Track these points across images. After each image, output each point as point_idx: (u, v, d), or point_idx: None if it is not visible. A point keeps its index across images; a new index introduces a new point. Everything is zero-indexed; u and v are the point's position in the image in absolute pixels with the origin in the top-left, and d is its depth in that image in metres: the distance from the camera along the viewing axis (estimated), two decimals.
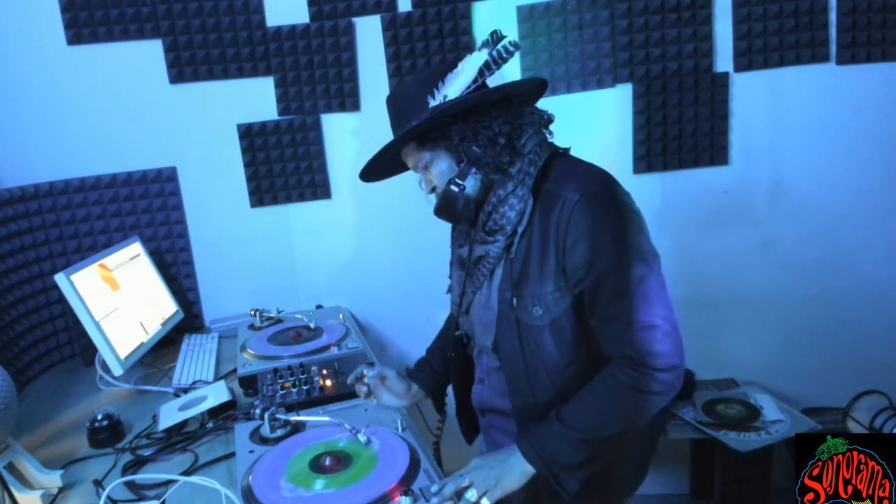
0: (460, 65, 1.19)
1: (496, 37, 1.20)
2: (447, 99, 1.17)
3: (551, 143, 1.23)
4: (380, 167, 1.32)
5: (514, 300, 1.18)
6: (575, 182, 1.12)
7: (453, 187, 1.19)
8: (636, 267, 1.08)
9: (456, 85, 1.17)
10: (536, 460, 1.12)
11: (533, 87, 1.26)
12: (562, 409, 1.14)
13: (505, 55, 1.16)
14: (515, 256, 1.17)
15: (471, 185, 1.20)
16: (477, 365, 1.37)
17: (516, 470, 1.12)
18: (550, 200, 1.13)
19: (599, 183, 1.14)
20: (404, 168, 1.34)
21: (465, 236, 1.30)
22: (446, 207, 1.22)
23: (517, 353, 1.21)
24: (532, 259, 1.15)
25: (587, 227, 1.09)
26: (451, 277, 1.40)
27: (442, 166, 1.22)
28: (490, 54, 1.17)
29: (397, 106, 1.24)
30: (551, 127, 1.25)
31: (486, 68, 1.16)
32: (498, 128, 1.15)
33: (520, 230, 1.16)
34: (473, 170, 1.19)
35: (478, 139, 1.16)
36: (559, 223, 1.10)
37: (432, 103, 1.18)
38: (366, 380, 1.43)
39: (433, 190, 1.26)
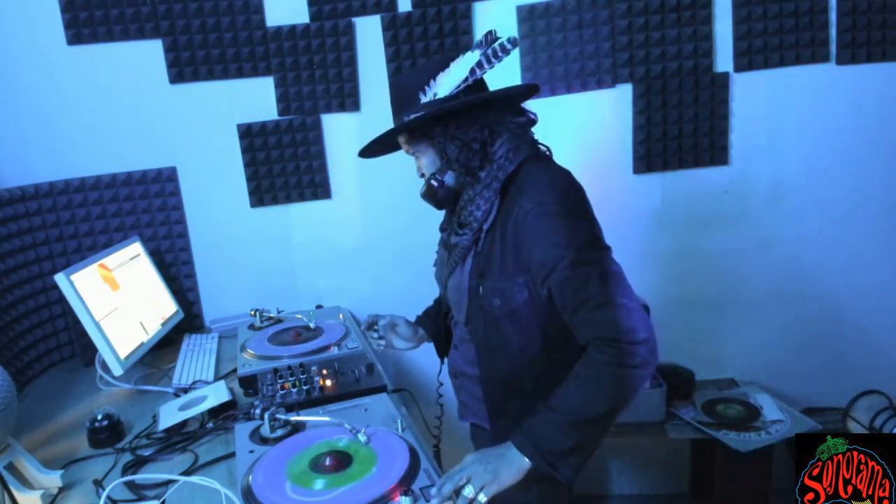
0: (452, 64, 1.25)
1: (490, 38, 1.25)
2: (436, 97, 1.25)
3: (529, 147, 1.28)
4: (379, 146, 1.42)
5: (480, 288, 1.28)
6: (532, 190, 1.20)
7: (433, 182, 1.31)
8: (591, 261, 1.16)
9: (446, 84, 1.25)
10: (530, 449, 1.14)
11: (520, 92, 1.32)
12: (549, 397, 1.18)
13: (500, 53, 1.21)
14: (482, 250, 1.27)
15: (450, 179, 1.30)
16: (454, 332, 1.47)
17: (513, 463, 1.15)
18: (511, 205, 1.22)
19: (553, 192, 1.20)
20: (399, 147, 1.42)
21: (448, 222, 1.43)
22: (428, 196, 1.34)
23: (482, 332, 1.31)
24: (494, 255, 1.25)
25: (541, 232, 1.17)
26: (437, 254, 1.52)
27: (427, 158, 1.32)
28: (483, 54, 1.22)
29: (394, 95, 1.34)
30: (540, 128, 1.33)
31: (478, 67, 1.23)
32: (473, 134, 1.24)
33: (485, 227, 1.26)
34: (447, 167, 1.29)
35: (454, 142, 1.25)
36: (515, 229, 1.20)
37: (423, 99, 1.26)
38: (377, 326, 1.54)
39: (422, 175, 1.36)
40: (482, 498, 1.10)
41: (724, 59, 2.17)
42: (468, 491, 1.09)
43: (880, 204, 2.25)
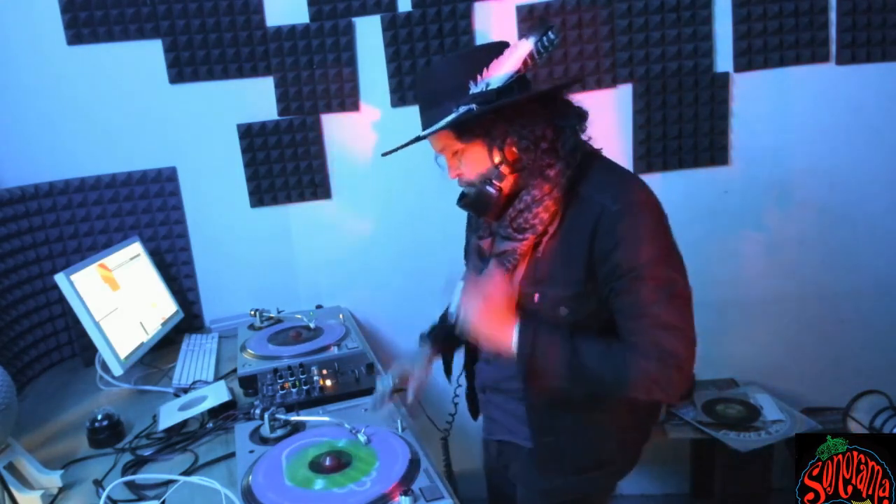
0: (507, 52, 1.13)
1: (545, 26, 1.13)
2: (489, 88, 1.12)
3: (585, 143, 1.21)
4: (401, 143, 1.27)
5: (536, 296, 1.19)
6: (613, 190, 1.14)
7: (490, 189, 1.18)
8: (671, 274, 1.13)
9: (500, 73, 1.12)
10: (522, 344, 1.13)
11: (569, 85, 1.26)
12: (579, 337, 1.14)
13: (549, 46, 1.11)
14: (542, 255, 1.18)
15: (506, 184, 1.19)
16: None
17: (504, 335, 1.15)
18: (587, 206, 1.14)
19: (638, 192, 1.15)
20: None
21: (486, 228, 1.29)
22: (478, 204, 1.21)
23: (530, 344, 1.21)
24: (558, 260, 1.16)
25: (626, 235, 1.10)
26: (467, 264, 1.41)
27: (475, 158, 1.18)
28: (536, 44, 1.11)
29: (433, 85, 1.19)
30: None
31: (531, 58, 1.11)
32: (541, 131, 1.15)
33: (550, 230, 1.17)
34: (509, 169, 1.17)
35: (521, 143, 1.14)
36: (596, 231, 1.12)
37: (473, 89, 1.13)
38: (408, 395, 1.41)
39: (458, 176, 1.23)
40: (459, 313, 1.14)
41: (724, 59, 2.17)
42: (454, 308, 1.15)
43: (880, 204, 2.25)
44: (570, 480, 1.30)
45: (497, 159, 1.17)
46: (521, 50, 1.12)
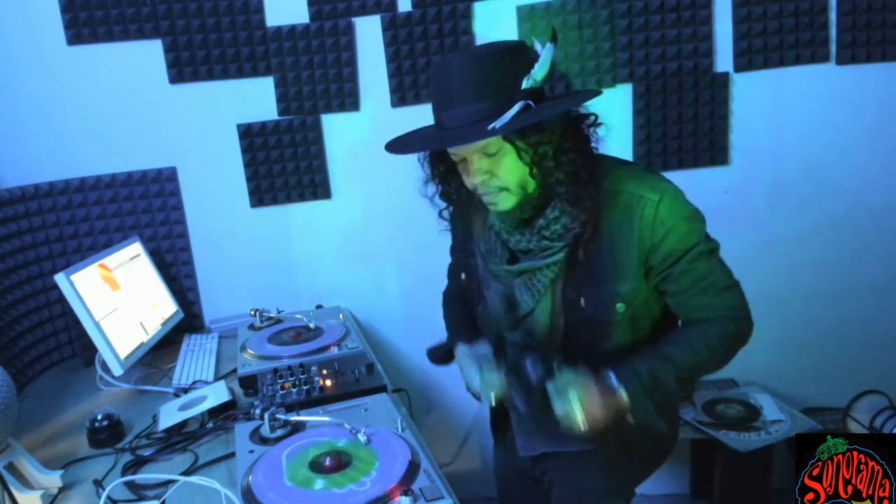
0: (543, 51, 1.08)
1: (553, 34, 1.12)
2: (536, 83, 1.08)
3: (595, 147, 1.22)
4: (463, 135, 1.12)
5: (583, 300, 1.19)
6: (648, 182, 1.17)
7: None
8: (711, 243, 1.21)
9: (541, 71, 1.08)
10: (633, 391, 1.13)
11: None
12: (662, 348, 1.19)
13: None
14: (585, 258, 1.17)
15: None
16: (509, 349, 1.33)
17: (615, 399, 1.13)
18: (623, 199, 1.15)
19: (663, 179, 1.20)
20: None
21: (502, 246, 1.24)
22: (518, 213, 1.18)
23: (585, 347, 1.22)
24: (605, 259, 1.17)
25: (674, 220, 1.15)
26: (483, 293, 1.33)
27: (510, 162, 1.12)
28: (554, 49, 1.10)
29: (480, 74, 1.07)
30: None
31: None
32: (582, 141, 1.16)
33: (588, 231, 1.16)
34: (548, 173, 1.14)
35: (569, 151, 1.13)
36: (643, 221, 1.14)
37: (525, 84, 1.07)
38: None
39: (483, 182, 1.14)
40: (580, 425, 1.09)
41: (724, 59, 2.17)
42: (576, 414, 1.08)
43: (880, 204, 2.25)
44: (616, 471, 1.32)
45: (534, 165, 1.11)
46: (549, 52, 1.08)
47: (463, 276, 1.44)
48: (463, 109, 1.08)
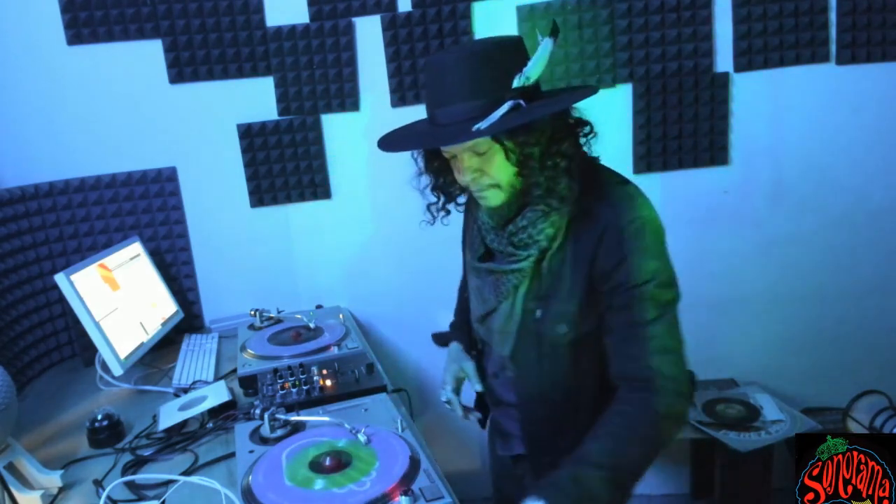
0: (539, 50, 1.04)
1: (554, 27, 1.06)
2: (529, 82, 1.04)
3: (584, 153, 1.16)
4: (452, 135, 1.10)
5: (538, 312, 1.16)
6: (619, 204, 1.10)
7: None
8: (670, 293, 1.10)
9: (535, 69, 1.04)
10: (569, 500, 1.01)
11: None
12: (588, 446, 1.06)
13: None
14: (547, 271, 1.14)
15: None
16: (488, 362, 1.36)
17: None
18: (592, 220, 1.10)
19: (643, 208, 1.10)
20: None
21: (481, 241, 1.25)
22: (505, 211, 1.15)
23: (534, 364, 1.20)
24: (564, 275, 1.13)
25: (631, 250, 1.07)
26: (469, 283, 1.34)
27: (500, 161, 1.09)
28: (552, 44, 1.05)
29: (471, 71, 1.04)
30: None
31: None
32: (568, 146, 1.08)
33: (555, 246, 1.12)
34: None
35: (555, 155, 1.07)
36: (601, 245, 1.09)
37: (516, 83, 1.04)
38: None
39: (474, 179, 1.12)
40: None
41: (724, 59, 2.17)
42: None
43: (880, 204, 2.25)
44: None
45: (520, 166, 1.08)
46: (546, 48, 1.04)
47: None
48: (454, 107, 1.06)
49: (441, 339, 1.52)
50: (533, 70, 1.04)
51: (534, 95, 1.07)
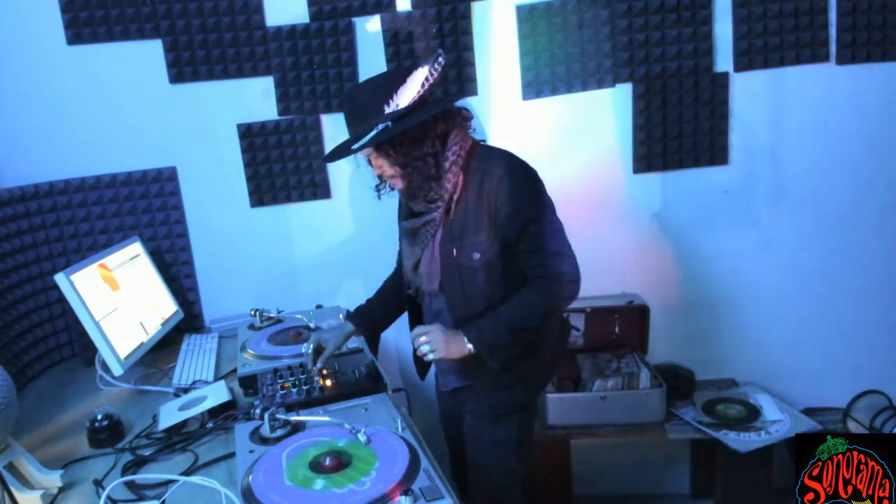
0: (409, 79, 1.45)
1: (436, 55, 1.45)
2: (398, 108, 1.42)
3: (471, 136, 1.53)
4: (342, 151, 1.58)
5: (455, 250, 1.51)
6: (498, 160, 1.49)
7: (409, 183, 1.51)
8: (547, 217, 1.51)
9: (406, 96, 1.43)
10: (476, 340, 1.48)
11: (458, 99, 1.61)
12: (497, 308, 1.51)
13: (438, 67, 1.43)
14: (454, 218, 1.50)
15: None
16: (426, 312, 1.68)
17: (460, 344, 1.48)
18: (479, 174, 1.48)
19: (514, 161, 1.50)
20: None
21: (409, 212, 1.61)
22: (411, 193, 1.53)
23: (458, 289, 1.54)
24: (468, 217, 1.49)
25: (511, 192, 1.45)
26: (401, 248, 1.71)
27: (386, 163, 1.50)
28: (430, 69, 1.43)
29: (355, 108, 1.49)
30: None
31: (427, 81, 1.43)
32: (427, 148, 1.46)
33: (456, 196, 1.49)
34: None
35: (417, 160, 1.46)
36: (489, 191, 1.46)
37: (387, 110, 1.43)
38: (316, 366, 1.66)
39: (381, 173, 1.54)
40: (430, 356, 1.47)
41: (724, 59, 2.17)
42: (425, 348, 1.47)
43: (880, 204, 2.25)
44: (502, 396, 1.62)
45: (396, 160, 1.47)
46: (419, 76, 1.43)
47: None
48: (350, 129, 1.51)
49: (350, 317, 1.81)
50: (404, 98, 1.42)
51: (406, 114, 1.42)
